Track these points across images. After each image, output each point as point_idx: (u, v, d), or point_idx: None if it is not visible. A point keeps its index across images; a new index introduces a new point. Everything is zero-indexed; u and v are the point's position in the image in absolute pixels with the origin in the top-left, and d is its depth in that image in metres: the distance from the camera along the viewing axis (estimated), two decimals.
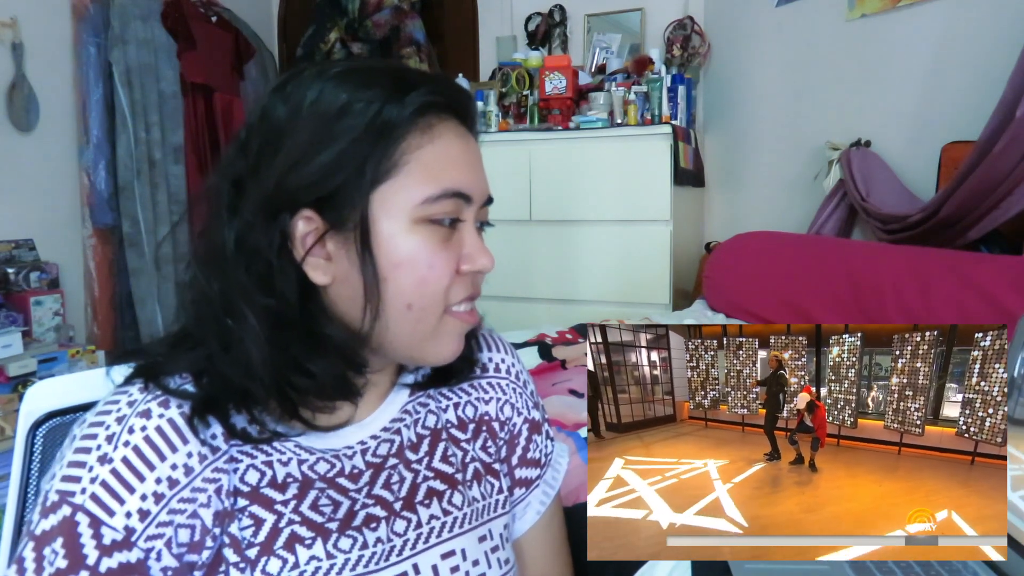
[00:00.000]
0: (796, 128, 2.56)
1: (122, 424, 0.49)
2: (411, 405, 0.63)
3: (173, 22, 3.06)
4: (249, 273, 0.51)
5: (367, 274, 0.52)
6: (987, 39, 1.91)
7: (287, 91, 0.53)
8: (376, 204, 0.52)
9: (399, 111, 0.52)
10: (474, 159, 0.57)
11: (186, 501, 0.49)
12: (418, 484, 0.60)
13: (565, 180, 2.62)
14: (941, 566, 0.58)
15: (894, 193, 2.11)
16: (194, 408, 0.51)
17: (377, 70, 0.54)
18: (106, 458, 0.48)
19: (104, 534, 0.47)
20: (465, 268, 0.55)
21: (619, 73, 2.82)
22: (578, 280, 2.65)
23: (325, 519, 0.54)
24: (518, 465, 0.69)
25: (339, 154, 0.51)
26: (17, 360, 2.39)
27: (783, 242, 2.22)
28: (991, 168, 1.67)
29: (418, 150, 0.53)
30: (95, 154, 2.87)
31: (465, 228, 0.56)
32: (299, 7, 3.75)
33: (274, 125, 0.52)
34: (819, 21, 2.41)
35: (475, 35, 3.40)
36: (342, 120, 0.51)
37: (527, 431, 0.70)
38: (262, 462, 0.53)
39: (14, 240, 2.64)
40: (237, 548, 0.51)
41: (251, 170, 0.53)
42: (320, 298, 0.54)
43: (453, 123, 0.55)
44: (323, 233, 0.52)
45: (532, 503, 0.70)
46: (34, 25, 2.69)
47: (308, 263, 0.52)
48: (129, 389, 0.52)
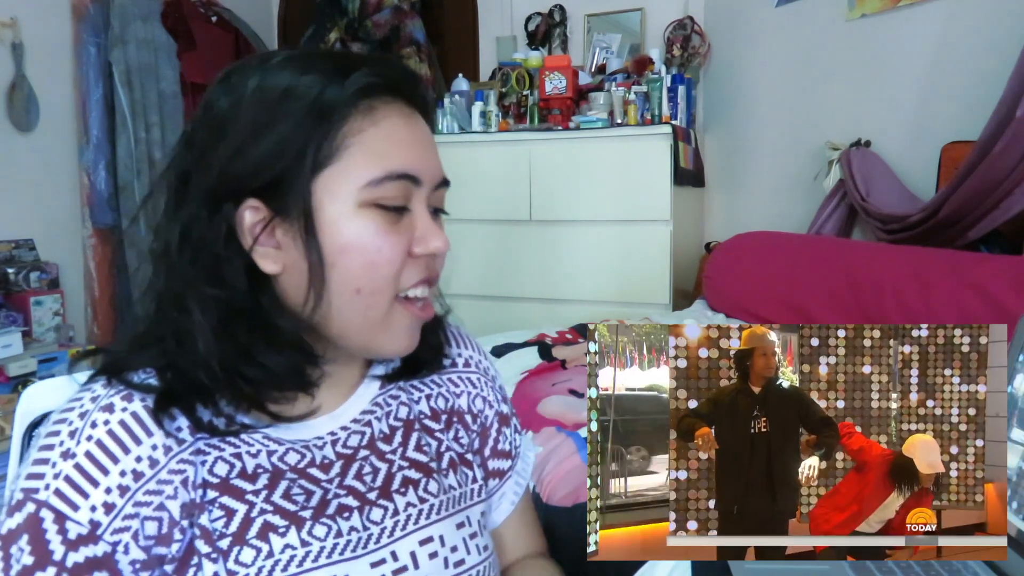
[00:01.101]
0: (796, 128, 2.55)
1: (85, 419, 0.49)
2: (382, 398, 0.63)
3: (173, 22, 3.06)
4: (195, 265, 0.52)
5: (311, 258, 0.51)
6: (987, 39, 1.91)
7: (231, 82, 0.53)
8: (321, 189, 0.52)
9: (339, 93, 0.51)
10: (422, 141, 0.57)
11: (152, 493, 0.49)
12: (393, 473, 0.60)
13: (565, 180, 2.62)
14: (941, 566, 0.58)
15: (894, 193, 2.11)
16: (157, 401, 0.51)
17: (319, 55, 0.54)
18: (69, 453, 0.48)
19: (69, 529, 0.47)
20: (417, 251, 0.55)
21: (619, 73, 2.82)
22: (578, 280, 2.65)
23: (298, 507, 0.54)
24: (491, 456, 0.70)
25: (280, 139, 0.51)
26: (17, 360, 2.39)
27: (783, 242, 2.22)
28: (991, 168, 1.67)
29: (360, 133, 0.52)
30: (95, 154, 2.87)
31: (417, 211, 0.56)
32: (299, 7, 3.74)
33: (217, 115, 0.53)
34: (819, 21, 2.41)
35: (475, 35, 3.40)
36: (283, 105, 0.51)
37: (498, 423, 0.71)
38: (231, 454, 0.53)
39: (14, 240, 2.64)
40: (208, 539, 0.51)
41: (196, 162, 0.53)
42: (272, 288, 0.54)
43: (398, 105, 0.55)
44: (269, 221, 0.52)
45: (507, 493, 0.71)
46: (34, 25, 2.69)
47: (258, 252, 0.52)
48: (92, 386, 0.52)
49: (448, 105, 2.84)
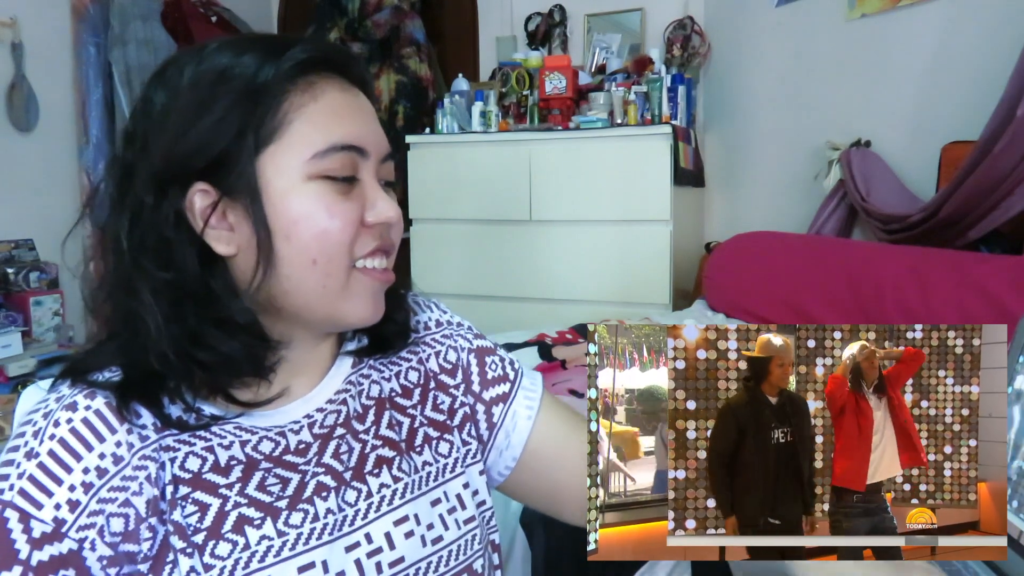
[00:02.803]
0: (796, 128, 2.55)
1: (48, 419, 0.50)
2: (354, 376, 0.63)
3: (173, 22, 3.06)
4: (144, 249, 0.52)
5: (259, 232, 0.52)
6: (987, 39, 1.91)
7: (166, 76, 0.54)
8: (266, 165, 0.52)
9: (275, 70, 0.52)
10: (364, 113, 0.57)
11: (117, 490, 0.49)
12: (366, 454, 0.60)
13: (565, 180, 2.62)
14: (941, 566, 0.58)
15: (894, 193, 2.11)
16: (119, 396, 0.51)
17: (254, 38, 0.55)
18: (32, 453, 0.48)
19: (34, 527, 0.47)
20: (369, 219, 0.56)
21: (619, 73, 2.82)
22: (578, 280, 2.65)
23: (273, 498, 0.54)
24: (482, 389, 0.69)
25: (219, 119, 0.51)
26: (17, 360, 2.39)
27: (783, 242, 2.22)
28: (991, 168, 1.67)
29: (301, 108, 0.53)
30: (95, 154, 2.87)
31: (366, 182, 0.56)
32: (299, 7, 3.74)
33: (157, 108, 0.53)
34: (819, 21, 2.41)
35: (475, 35, 3.40)
36: (219, 86, 0.51)
37: (475, 359, 0.70)
38: (202, 448, 0.53)
39: (14, 240, 2.64)
40: (182, 535, 0.51)
41: (138, 153, 0.53)
42: (225, 272, 0.54)
43: (337, 80, 0.56)
44: (216, 201, 0.52)
45: (518, 411, 0.70)
46: (34, 25, 2.69)
47: (210, 235, 0.53)
48: (59, 387, 0.52)
49: (448, 105, 2.84)
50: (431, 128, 2.87)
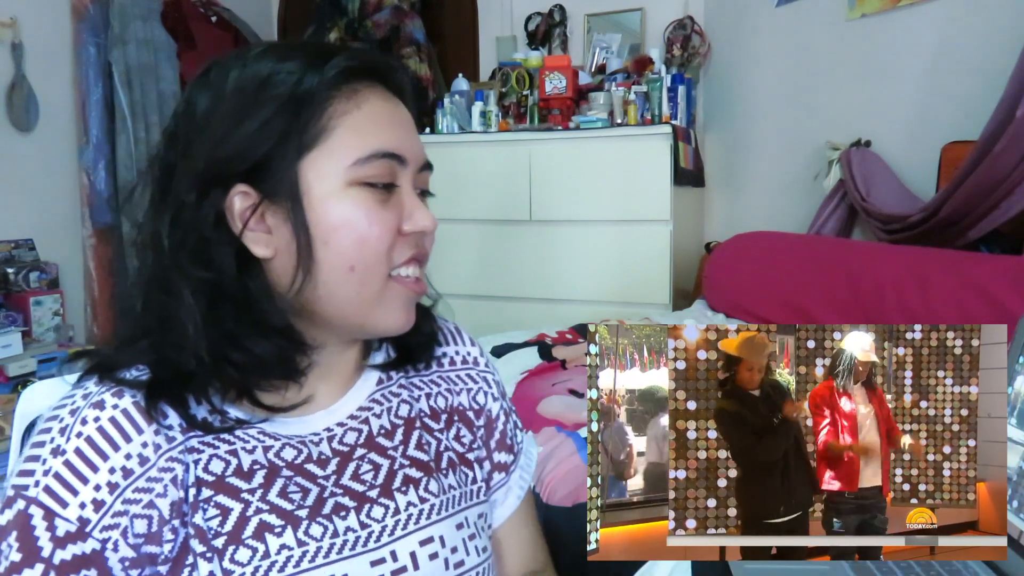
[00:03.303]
0: (796, 128, 2.55)
1: (75, 416, 0.50)
2: (380, 394, 0.63)
3: (173, 22, 3.06)
4: (184, 249, 0.52)
5: (299, 237, 0.52)
6: (987, 39, 1.91)
7: (209, 79, 0.54)
8: (308, 170, 0.53)
9: (320, 77, 0.53)
10: (404, 122, 0.58)
11: (141, 491, 0.49)
12: (395, 471, 0.60)
13: (565, 180, 2.62)
14: (941, 566, 0.58)
15: (894, 193, 2.11)
16: (147, 396, 0.51)
17: (297, 44, 0.56)
18: (59, 450, 0.48)
19: (58, 526, 0.47)
20: (406, 228, 0.56)
21: (619, 73, 2.82)
22: (578, 280, 2.65)
23: (295, 506, 0.54)
24: (496, 449, 0.70)
25: (263, 123, 0.52)
26: (17, 360, 2.39)
27: (783, 242, 2.22)
28: (991, 168, 1.67)
29: (344, 115, 0.54)
30: (95, 154, 2.87)
31: (404, 190, 0.57)
32: (299, 7, 3.74)
33: (200, 111, 0.53)
34: (819, 21, 2.41)
35: (475, 35, 3.40)
36: (264, 91, 0.52)
37: (503, 416, 0.71)
38: (226, 451, 0.53)
39: (14, 240, 2.64)
40: (203, 538, 0.51)
41: (180, 154, 0.53)
42: (261, 274, 0.54)
43: (379, 89, 0.57)
44: (257, 204, 0.53)
45: (512, 488, 0.71)
46: (34, 25, 2.69)
47: (248, 237, 0.53)
48: (85, 384, 0.52)
49: (448, 105, 2.84)
50: (431, 128, 2.87)
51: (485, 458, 0.68)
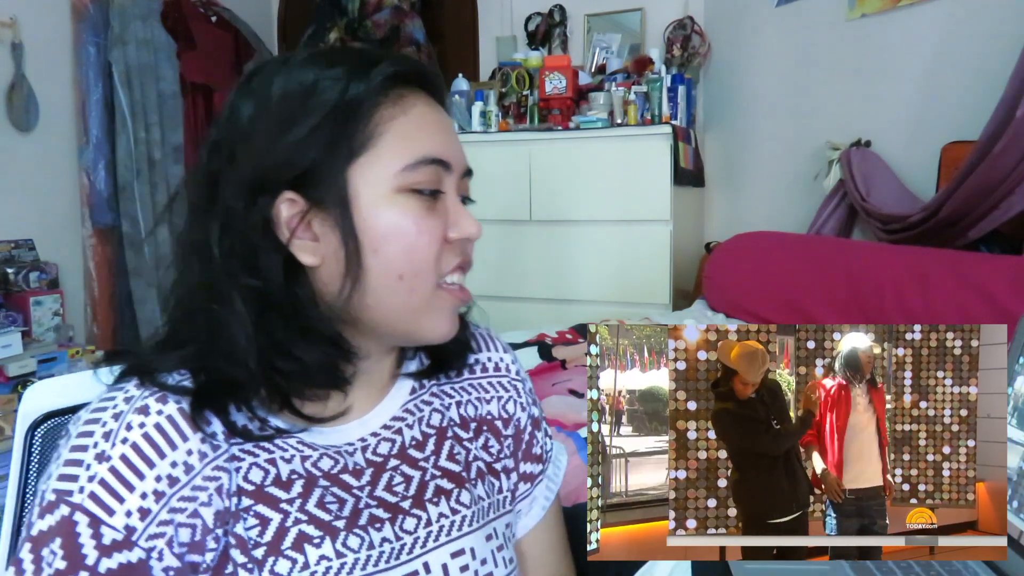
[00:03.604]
0: (796, 128, 2.55)
1: (119, 421, 0.48)
2: (413, 403, 0.63)
3: (173, 22, 3.06)
4: (234, 256, 0.51)
5: (348, 245, 0.52)
6: (987, 39, 1.91)
7: (252, 86, 0.54)
8: (356, 177, 0.52)
9: (367, 84, 0.52)
10: (448, 128, 0.58)
11: (187, 500, 0.49)
12: (426, 482, 0.60)
13: (565, 180, 2.62)
14: (941, 566, 0.58)
15: (894, 193, 2.11)
16: (193, 403, 0.50)
17: (340, 51, 0.55)
18: (104, 456, 0.47)
19: (104, 534, 0.46)
20: (452, 235, 0.56)
21: (619, 73, 2.82)
22: (578, 280, 2.65)
23: (332, 517, 0.54)
24: (523, 460, 0.69)
25: (311, 131, 0.51)
26: (17, 360, 2.39)
27: (783, 242, 2.22)
28: (991, 168, 1.67)
29: (391, 121, 0.53)
30: (94, 154, 2.87)
31: (448, 197, 0.57)
32: (299, 7, 3.74)
33: (244, 118, 0.53)
34: (819, 21, 2.41)
35: (475, 35, 3.40)
36: (310, 99, 0.52)
37: (530, 427, 0.70)
38: (265, 460, 0.53)
39: (14, 240, 2.64)
40: (244, 549, 0.50)
41: (227, 162, 0.53)
42: (309, 281, 0.54)
43: (423, 94, 0.57)
44: (305, 212, 0.52)
45: (537, 498, 0.70)
46: (34, 25, 2.69)
47: (295, 245, 0.52)
48: (124, 386, 0.51)
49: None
50: None
51: (512, 468, 0.68)
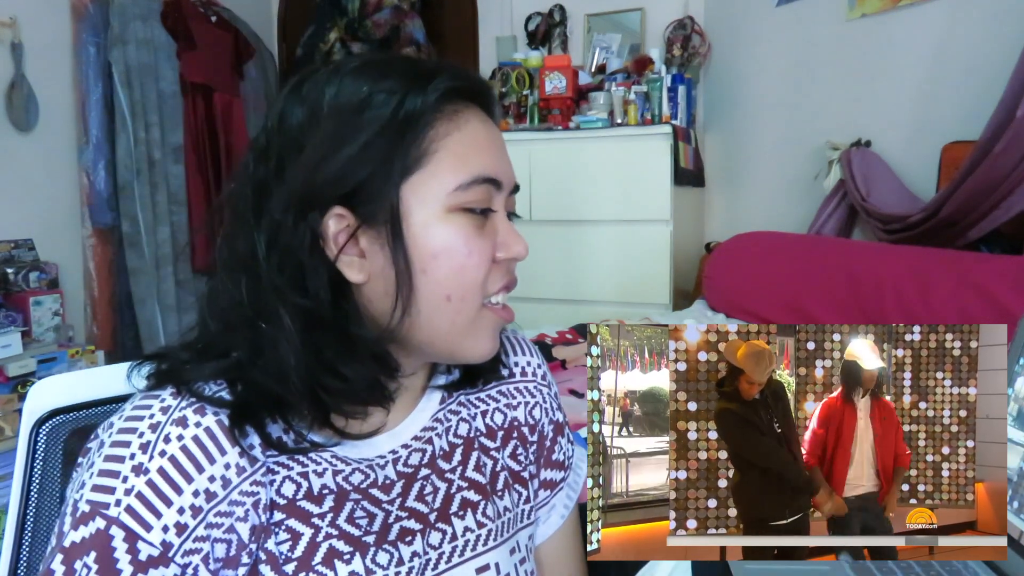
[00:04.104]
0: (796, 128, 2.55)
1: (157, 432, 0.47)
2: (442, 413, 0.62)
3: (173, 22, 3.06)
4: (282, 273, 0.50)
5: (398, 264, 0.50)
6: (987, 39, 1.91)
7: (303, 92, 0.52)
8: (408, 195, 0.51)
9: (423, 99, 0.51)
10: (500, 145, 0.57)
11: (223, 515, 0.47)
12: (452, 495, 0.59)
13: (565, 180, 2.62)
14: (941, 566, 0.58)
15: (894, 193, 2.11)
16: (232, 417, 0.49)
17: (393, 61, 0.54)
18: (141, 468, 0.46)
19: (140, 549, 0.45)
20: (500, 256, 0.54)
21: (619, 73, 2.82)
22: (578, 280, 2.65)
23: (362, 532, 0.53)
24: (544, 466, 0.68)
25: (364, 146, 0.50)
26: (16, 360, 2.39)
27: (783, 242, 2.22)
28: (991, 168, 1.67)
29: (446, 137, 0.52)
30: (94, 154, 2.87)
31: (497, 215, 0.55)
32: (299, 7, 3.74)
33: (294, 126, 0.52)
34: (819, 21, 2.41)
35: (475, 35, 3.40)
36: (364, 113, 0.50)
37: (553, 433, 0.69)
38: (297, 473, 0.52)
39: (14, 240, 2.64)
40: (274, 564, 0.49)
41: (275, 173, 0.51)
42: (354, 298, 0.53)
43: (476, 110, 0.55)
44: (355, 229, 0.51)
45: (556, 506, 0.70)
46: (34, 25, 2.69)
47: (342, 261, 0.51)
48: (160, 394, 0.49)
49: None
50: None
51: (535, 475, 0.67)
